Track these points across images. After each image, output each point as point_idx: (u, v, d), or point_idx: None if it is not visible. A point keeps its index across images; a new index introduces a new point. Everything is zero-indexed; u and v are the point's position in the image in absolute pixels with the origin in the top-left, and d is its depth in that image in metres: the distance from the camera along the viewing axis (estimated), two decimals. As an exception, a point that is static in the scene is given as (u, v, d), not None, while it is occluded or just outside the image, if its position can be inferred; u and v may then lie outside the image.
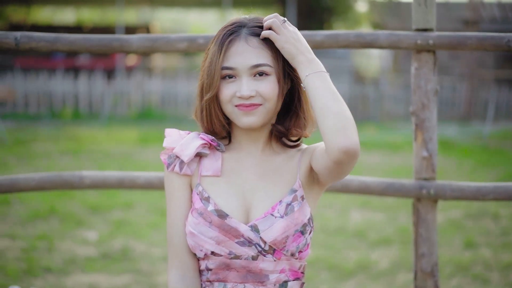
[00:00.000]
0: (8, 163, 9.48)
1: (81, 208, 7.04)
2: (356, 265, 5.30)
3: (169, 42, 2.66)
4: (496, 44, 2.58)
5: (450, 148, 12.12)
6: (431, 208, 2.74)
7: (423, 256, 2.75)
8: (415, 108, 2.72)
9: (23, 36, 2.64)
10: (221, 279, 1.93)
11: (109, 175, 2.85)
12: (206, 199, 1.92)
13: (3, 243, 5.69)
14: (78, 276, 4.96)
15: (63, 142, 12.01)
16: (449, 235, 6.19)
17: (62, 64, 19.34)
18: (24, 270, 5.03)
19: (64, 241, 5.84)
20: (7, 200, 7.22)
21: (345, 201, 7.50)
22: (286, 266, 1.94)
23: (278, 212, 1.89)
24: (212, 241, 1.89)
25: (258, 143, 1.99)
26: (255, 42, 1.90)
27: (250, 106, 1.88)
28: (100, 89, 16.81)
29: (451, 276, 5.07)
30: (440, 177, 8.84)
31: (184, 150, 1.93)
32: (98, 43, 2.66)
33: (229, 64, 1.89)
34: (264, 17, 1.96)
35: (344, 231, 6.35)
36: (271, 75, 1.91)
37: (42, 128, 14.12)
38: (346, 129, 1.77)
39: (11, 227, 6.23)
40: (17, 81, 16.79)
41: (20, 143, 11.70)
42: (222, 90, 1.90)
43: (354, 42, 2.65)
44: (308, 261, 5.58)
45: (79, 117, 16.19)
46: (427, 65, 2.67)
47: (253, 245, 1.89)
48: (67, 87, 16.83)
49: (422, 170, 2.74)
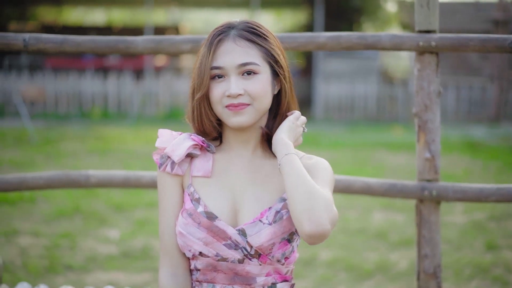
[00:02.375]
0: (36, 162, 9.62)
1: (105, 207, 7.12)
2: (375, 266, 5.30)
3: (174, 43, 2.70)
4: (498, 46, 2.57)
5: (477, 149, 12.02)
6: (433, 209, 2.73)
7: (425, 257, 2.75)
8: (418, 109, 2.72)
9: (32, 38, 2.69)
10: (209, 280, 1.96)
11: (115, 174, 2.90)
12: (196, 200, 1.95)
13: (27, 241, 5.78)
14: (99, 274, 5.03)
15: (91, 141, 12.15)
16: (471, 237, 6.15)
17: (92, 64, 19.57)
18: (46, 267, 5.11)
19: (86, 239, 5.92)
20: (33, 198, 7.34)
21: (367, 202, 7.48)
22: (272, 270, 1.95)
23: (267, 219, 1.90)
24: (200, 242, 1.91)
25: (248, 145, 2.00)
26: (243, 41, 1.92)
27: (239, 106, 1.90)
28: (129, 89, 16.97)
29: (470, 278, 5.04)
30: (465, 178, 8.81)
31: (175, 151, 1.96)
32: (104, 45, 2.71)
33: (217, 63, 1.91)
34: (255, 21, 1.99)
35: (365, 232, 6.34)
36: (260, 74, 1.92)
37: (71, 128, 14.30)
38: (312, 214, 1.75)
39: (36, 225, 6.33)
40: (47, 81, 17.02)
41: (48, 142, 11.86)
42: (212, 90, 1.93)
43: (356, 44, 2.65)
44: (326, 262, 5.56)
45: (108, 117, 16.36)
46: (430, 66, 2.66)
47: (239, 248, 1.91)
48: (96, 87, 17.02)
49: (425, 172, 2.74)
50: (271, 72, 1.96)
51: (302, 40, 2.67)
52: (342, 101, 17.40)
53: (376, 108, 17.31)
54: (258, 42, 1.93)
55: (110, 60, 20.19)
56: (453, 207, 7.29)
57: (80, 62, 19.93)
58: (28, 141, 11.92)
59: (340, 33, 2.68)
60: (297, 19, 23.92)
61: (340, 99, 17.39)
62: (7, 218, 6.52)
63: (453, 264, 5.32)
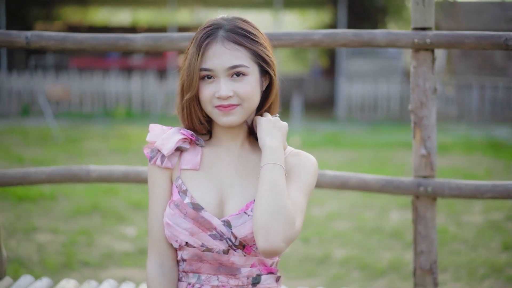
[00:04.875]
0: (58, 160, 9.73)
1: (124, 204, 7.19)
2: (389, 265, 5.29)
3: (172, 41, 2.74)
4: (494, 43, 2.57)
5: (500, 149, 11.92)
6: (430, 206, 2.74)
7: (421, 253, 2.75)
8: (413, 106, 2.73)
9: (34, 35, 2.75)
10: (195, 270, 2.00)
11: (115, 170, 2.95)
12: (184, 191, 1.99)
13: (45, 237, 5.87)
14: (114, 270, 5.09)
15: (113, 140, 12.26)
16: (487, 237, 6.12)
17: (116, 64, 19.74)
18: (63, 263, 5.19)
19: (103, 236, 5.99)
20: (53, 196, 7.44)
21: (385, 201, 7.47)
22: (257, 262, 1.99)
23: (252, 211, 1.93)
24: (186, 232, 1.96)
25: (237, 139, 2.05)
26: (231, 44, 1.95)
27: (229, 107, 1.94)
28: (152, 88, 17.10)
29: (484, 277, 5.02)
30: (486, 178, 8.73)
31: (164, 144, 2.00)
32: (104, 42, 2.76)
33: (207, 65, 1.94)
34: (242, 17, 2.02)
35: (381, 231, 6.33)
36: (248, 75, 1.96)
37: (95, 127, 14.44)
38: (268, 233, 1.80)
39: (55, 222, 6.42)
40: (72, 80, 17.22)
41: (72, 141, 11.99)
42: (202, 91, 1.97)
43: (352, 41, 2.66)
44: (340, 261, 5.57)
45: (132, 116, 16.49)
46: (425, 63, 2.67)
47: (224, 239, 1.95)
48: (120, 86, 17.18)
49: (420, 168, 2.75)
50: (259, 71, 1.99)
51: (298, 38, 2.69)
52: (365, 101, 17.35)
53: (399, 108, 17.22)
54: (246, 45, 1.95)
55: (134, 60, 20.35)
56: (471, 207, 7.26)
57: (105, 62, 20.12)
58: (51, 139, 12.07)
59: (336, 30, 2.68)
60: (321, 19, 23.90)
61: (363, 99, 17.34)
62: (28, 215, 6.62)
63: (468, 264, 5.30)
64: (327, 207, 7.29)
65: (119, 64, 19.98)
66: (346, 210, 7.21)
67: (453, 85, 17.65)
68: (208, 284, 1.99)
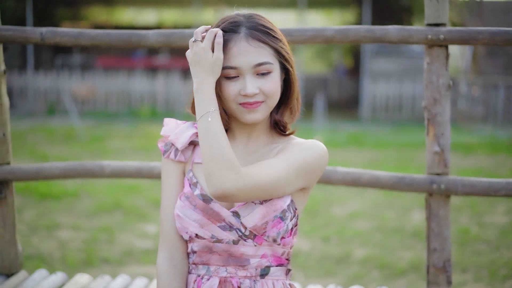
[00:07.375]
0: (81, 159, 9.81)
1: (145, 202, 7.24)
2: (409, 265, 5.26)
3: (183, 37, 2.75)
4: (508, 39, 2.53)
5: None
6: (443, 203, 2.72)
7: (435, 251, 2.73)
8: (427, 103, 2.71)
9: (48, 31, 2.78)
10: (204, 262, 2.02)
11: (128, 165, 2.97)
12: (194, 184, 2.01)
13: (67, 234, 5.92)
14: (133, 267, 5.12)
15: (137, 139, 12.33)
16: (510, 238, 6.07)
17: (141, 63, 19.85)
18: (83, 260, 5.23)
19: (124, 233, 6.03)
20: (76, 193, 7.51)
21: (407, 201, 7.43)
22: (268, 252, 1.99)
23: (258, 200, 1.94)
24: (196, 223, 1.98)
25: (251, 134, 2.06)
26: (255, 41, 1.94)
27: (254, 104, 1.95)
28: (177, 88, 17.17)
29: (505, 278, 4.97)
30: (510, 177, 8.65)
31: (178, 138, 2.04)
32: (117, 38, 2.78)
33: (231, 64, 1.93)
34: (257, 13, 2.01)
35: (402, 231, 6.30)
36: (273, 72, 1.96)
37: (120, 126, 14.54)
38: (212, 178, 1.85)
39: (77, 219, 6.47)
40: (98, 80, 17.35)
41: (96, 139, 12.09)
42: (226, 89, 1.95)
43: (364, 37, 2.65)
44: (359, 260, 5.56)
45: (156, 115, 16.57)
46: (439, 60, 2.64)
47: (234, 229, 1.97)
48: (145, 86, 17.28)
49: (434, 165, 2.73)
50: (280, 68, 2.00)
51: (310, 33, 2.68)
52: (390, 101, 17.24)
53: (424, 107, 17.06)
54: (269, 42, 1.95)
55: (158, 59, 20.45)
56: (495, 208, 7.19)
57: (130, 62, 20.25)
58: (76, 138, 12.17)
59: (348, 26, 2.68)
60: (346, 19, 23.81)
61: (388, 99, 17.24)
62: (50, 212, 6.69)
63: (489, 264, 5.25)
64: (349, 207, 7.27)
65: (144, 63, 20.09)
66: (368, 209, 7.18)
67: (479, 85, 17.48)
68: (217, 275, 2.00)
